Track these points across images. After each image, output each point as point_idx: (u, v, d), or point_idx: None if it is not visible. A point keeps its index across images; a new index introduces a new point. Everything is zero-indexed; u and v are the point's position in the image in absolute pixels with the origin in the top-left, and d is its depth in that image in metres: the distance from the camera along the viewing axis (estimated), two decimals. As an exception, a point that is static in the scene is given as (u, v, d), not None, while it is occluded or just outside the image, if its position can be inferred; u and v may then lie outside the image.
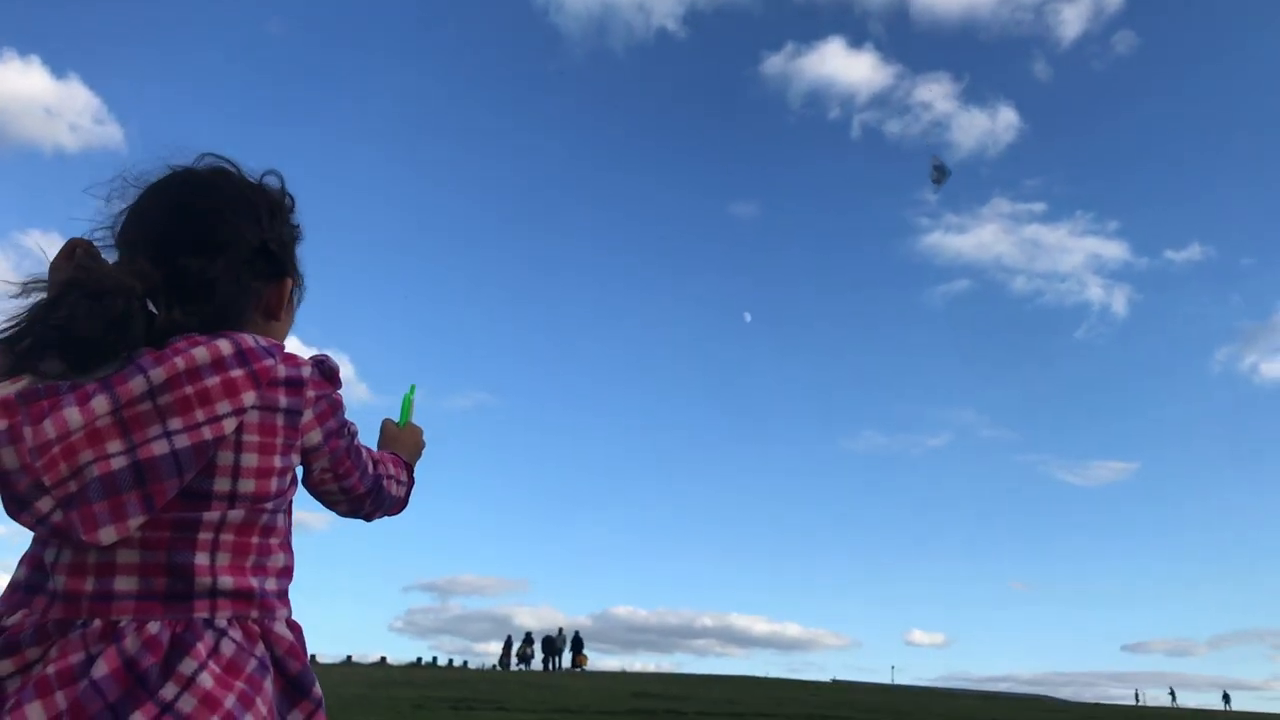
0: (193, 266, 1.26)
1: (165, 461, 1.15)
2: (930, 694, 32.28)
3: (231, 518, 1.22)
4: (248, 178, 1.39)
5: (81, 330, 1.15)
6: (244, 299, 1.32)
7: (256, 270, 1.33)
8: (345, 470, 1.42)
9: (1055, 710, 23.09)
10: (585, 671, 38.15)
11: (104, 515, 1.13)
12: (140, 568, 1.17)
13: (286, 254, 1.39)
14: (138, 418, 1.14)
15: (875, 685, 45.30)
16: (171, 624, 1.16)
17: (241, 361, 1.21)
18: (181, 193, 1.32)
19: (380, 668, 36.49)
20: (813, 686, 31.90)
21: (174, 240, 1.27)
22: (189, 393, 1.17)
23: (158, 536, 1.18)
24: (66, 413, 1.12)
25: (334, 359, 1.37)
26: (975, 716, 16.46)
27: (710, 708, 14.70)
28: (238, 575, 1.22)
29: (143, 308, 1.19)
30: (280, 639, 1.25)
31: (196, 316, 1.24)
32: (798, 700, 19.48)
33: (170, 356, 1.17)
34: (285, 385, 1.26)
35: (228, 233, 1.30)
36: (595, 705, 13.84)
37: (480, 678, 22.93)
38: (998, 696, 40.85)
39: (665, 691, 19.13)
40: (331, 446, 1.36)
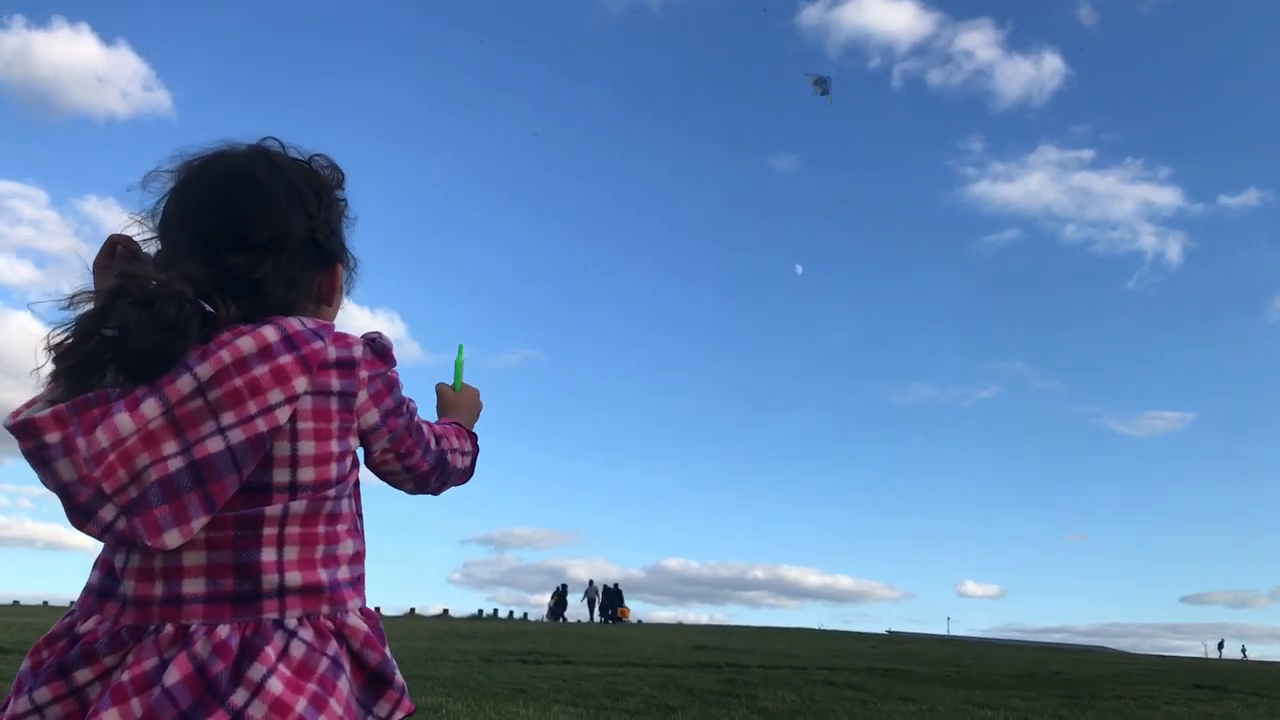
0: (240, 265, 1.23)
1: (222, 458, 1.14)
2: (988, 646, 32.21)
3: (295, 509, 1.21)
4: (293, 157, 1.34)
5: (137, 341, 1.13)
6: (294, 292, 1.29)
7: (307, 262, 1.30)
8: (407, 449, 1.38)
9: (1118, 662, 22.95)
10: (642, 623, 38.58)
11: (167, 519, 1.12)
12: (207, 569, 1.17)
13: (335, 240, 1.35)
14: (190, 416, 1.13)
15: (931, 637, 45.29)
16: (241, 627, 1.15)
17: (290, 347, 1.18)
18: (225, 185, 1.27)
19: (443, 620, 37.19)
20: (870, 639, 32.01)
21: (220, 237, 1.23)
22: (239, 385, 1.15)
23: (222, 536, 1.17)
24: (118, 419, 1.11)
25: (386, 336, 1.33)
26: (1038, 669, 16.42)
27: (771, 660, 14.82)
28: (306, 569, 1.21)
29: (197, 310, 1.16)
30: (355, 631, 1.23)
31: (250, 312, 1.22)
32: (856, 653, 19.56)
33: (215, 350, 1.15)
34: (337, 367, 1.24)
35: (274, 230, 1.26)
36: (658, 658, 14.01)
37: (541, 630, 23.33)
38: (1057, 648, 40.68)
39: (725, 644, 19.30)
40: (390, 426, 1.33)
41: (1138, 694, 11.67)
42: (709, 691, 9.55)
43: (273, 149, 1.34)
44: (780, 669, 13.12)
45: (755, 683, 10.66)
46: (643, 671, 11.49)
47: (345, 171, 1.40)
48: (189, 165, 1.31)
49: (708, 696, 9.15)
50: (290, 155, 1.35)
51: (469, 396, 1.74)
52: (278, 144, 1.35)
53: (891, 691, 10.75)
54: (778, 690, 9.93)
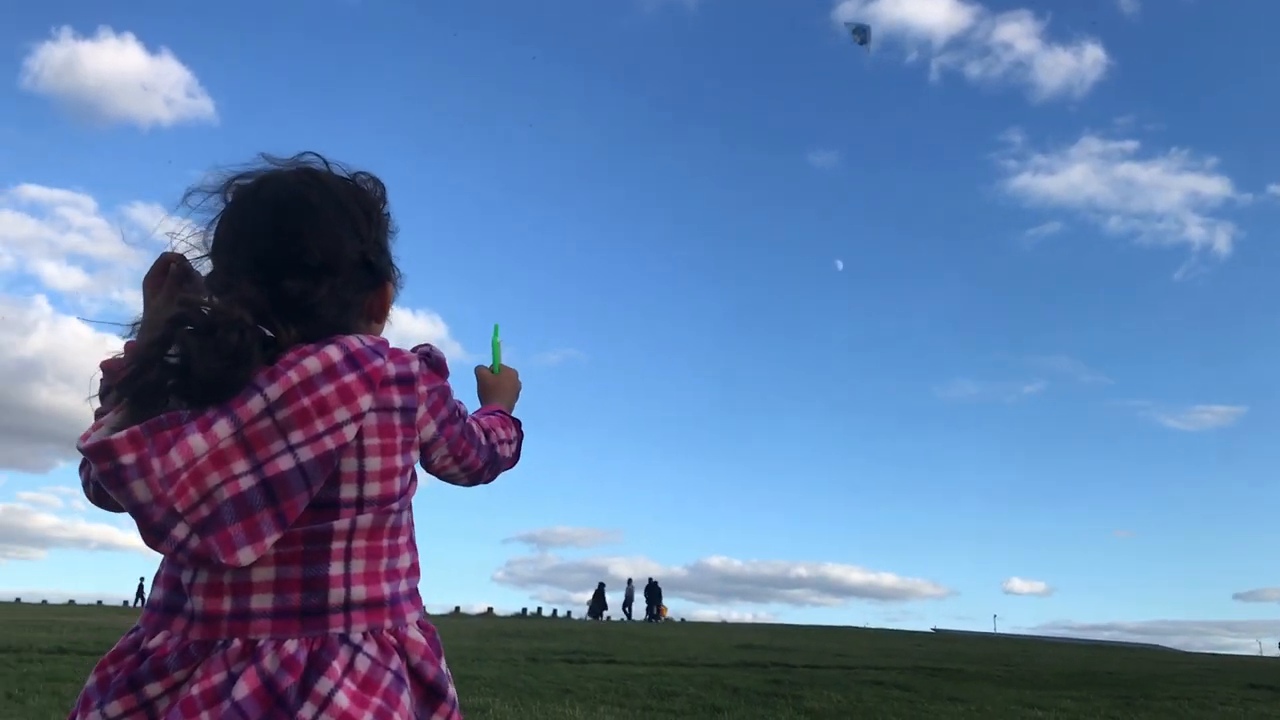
0: (296, 290, 1.25)
1: (292, 476, 1.16)
2: (1036, 644, 31.84)
3: (361, 523, 1.23)
4: (340, 176, 1.36)
5: (199, 369, 1.14)
6: (349, 315, 1.31)
7: (359, 283, 1.32)
8: (463, 451, 1.43)
9: (1171, 660, 22.57)
10: (685, 622, 38.56)
11: (240, 536, 1.14)
12: (275, 584, 1.19)
13: (385, 259, 1.37)
14: (259, 436, 1.15)
15: (978, 634, 44.84)
16: (308, 642, 1.18)
17: (353, 365, 1.21)
18: (279, 210, 1.29)
19: (488, 618, 37.44)
20: (916, 637, 31.77)
21: (275, 262, 1.25)
22: (306, 404, 1.17)
23: (291, 551, 1.19)
24: (191, 440, 1.13)
25: (438, 349, 1.36)
26: (1089, 668, 16.20)
27: (817, 659, 14.74)
28: (371, 583, 1.23)
29: (257, 336, 1.18)
30: (415, 645, 1.26)
31: (306, 334, 1.24)
32: (903, 651, 19.41)
33: (283, 371, 1.17)
34: (397, 383, 1.26)
35: (328, 253, 1.28)
36: (703, 657, 13.99)
37: (585, 629, 23.40)
38: (1107, 645, 40.10)
39: (770, 643, 19.24)
40: (447, 434, 1.38)
41: (1193, 694, 11.47)
42: (755, 692, 9.52)
43: (318, 167, 1.36)
44: (827, 668, 13.05)
45: (801, 683, 10.61)
46: (688, 671, 11.48)
47: (387, 181, 1.42)
48: (239, 187, 1.33)
49: (754, 697, 9.12)
50: (335, 174, 1.36)
51: (508, 378, 1.79)
52: (320, 160, 1.37)
53: (940, 691, 10.64)
54: (824, 690, 9.87)
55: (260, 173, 1.34)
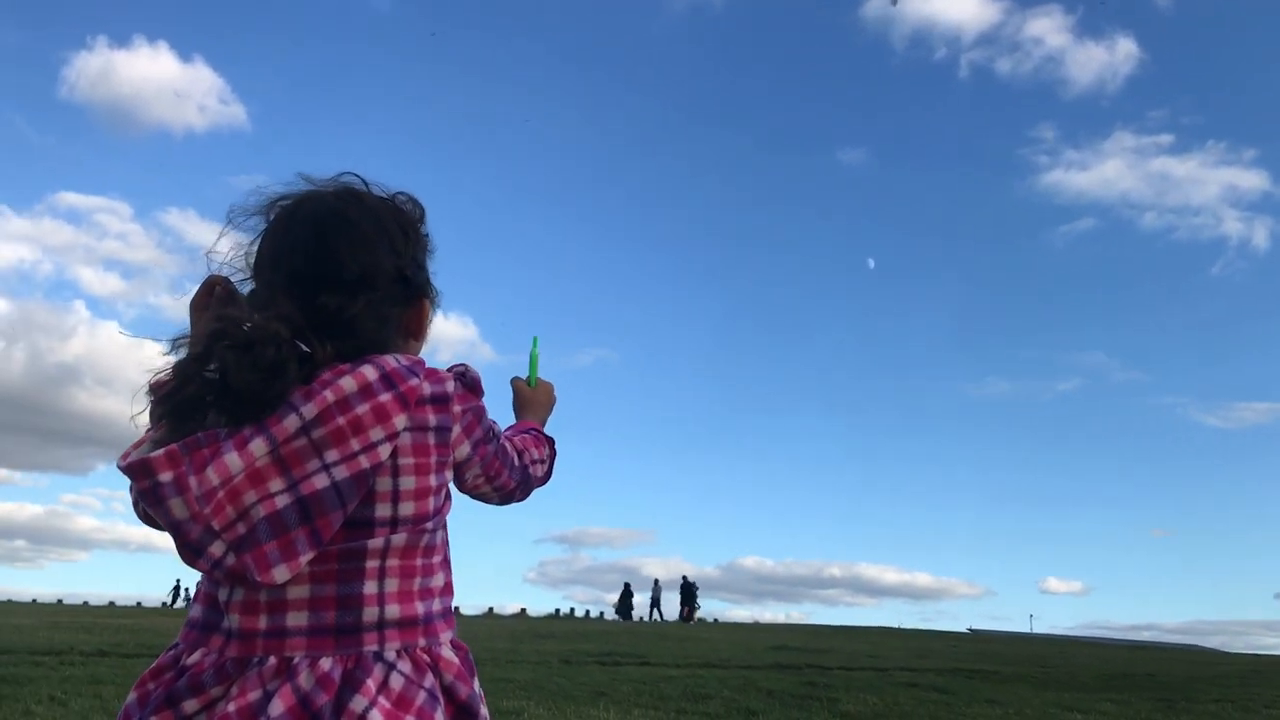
0: (333, 304, 1.26)
1: (327, 494, 1.16)
2: (1074, 644, 31.53)
3: (395, 542, 1.23)
4: (379, 195, 1.37)
5: (237, 383, 1.15)
6: (386, 328, 1.32)
7: (396, 299, 1.33)
8: (496, 471, 1.44)
9: (1212, 661, 22.25)
10: (718, 622, 38.48)
11: (275, 554, 1.15)
12: (310, 602, 1.19)
13: (422, 275, 1.38)
14: (295, 454, 1.16)
15: (1014, 635, 44.48)
16: (343, 659, 1.18)
17: (388, 385, 1.21)
18: (317, 226, 1.30)
19: (521, 619, 37.57)
20: (951, 637, 31.52)
21: (313, 278, 1.26)
22: (342, 423, 1.17)
23: (326, 569, 1.20)
24: (227, 458, 1.13)
25: (473, 368, 1.36)
26: (1128, 670, 15.99)
27: (852, 661, 14.66)
28: (405, 602, 1.23)
29: (294, 351, 1.18)
30: (449, 664, 1.26)
31: (344, 351, 1.24)
32: (939, 652, 19.27)
33: (319, 390, 1.18)
34: (432, 403, 1.27)
35: (365, 268, 1.28)
36: (736, 659, 13.96)
37: (619, 630, 23.42)
38: (1145, 646, 39.64)
39: (804, 644, 19.15)
40: (481, 454, 1.38)
41: (1236, 697, 11.30)
42: (789, 694, 9.48)
43: (357, 187, 1.37)
44: (861, 670, 12.98)
45: (836, 685, 10.55)
46: (722, 673, 11.45)
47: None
48: (279, 207, 1.34)
49: (788, 699, 9.08)
50: (375, 193, 1.38)
51: (544, 392, 1.82)
52: (360, 181, 1.38)
53: (977, 694, 10.56)
54: (860, 693, 9.82)
55: (300, 193, 1.35)
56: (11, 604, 39.55)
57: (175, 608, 36.88)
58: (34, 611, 25.45)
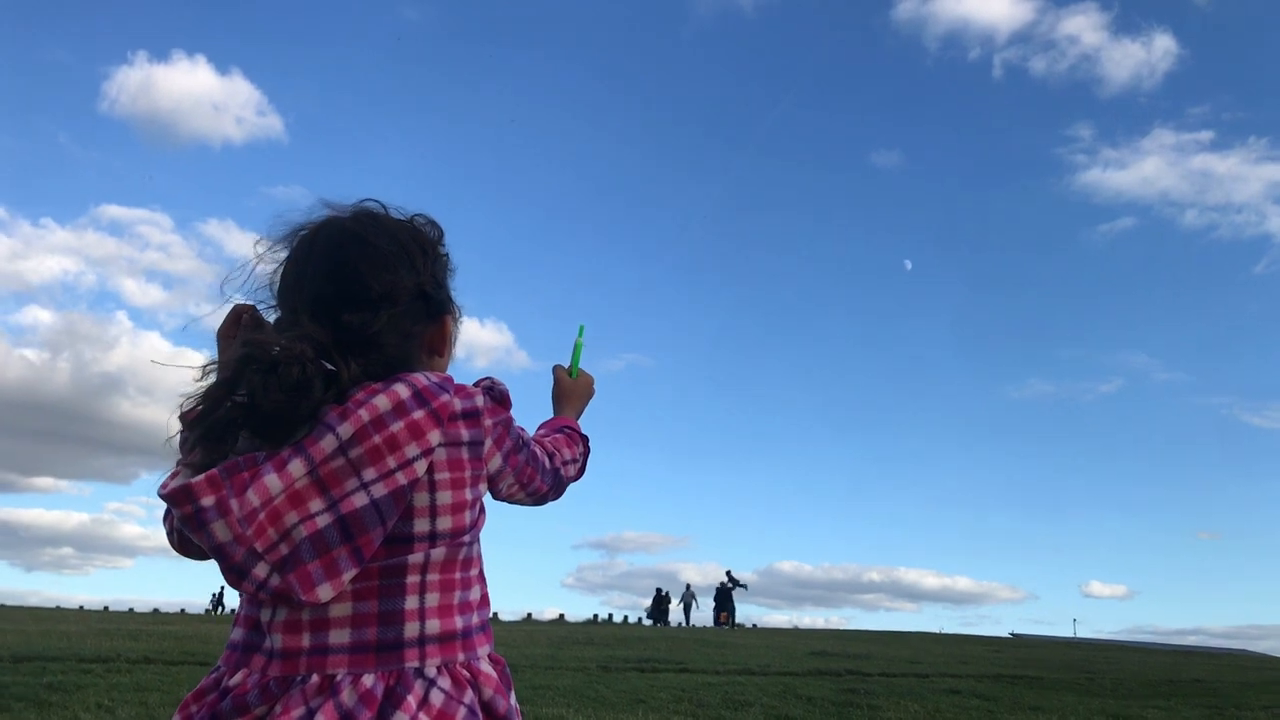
0: (356, 322, 1.28)
1: (367, 512, 1.18)
2: (1119, 649, 31.09)
3: (434, 556, 1.26)
4: (397, 218, 1.39)
5: (266, 404, 1.17)
6: (409, 344, 1.34)
7: (417, 315, 1.35)
8: (529, 478, 1.47)
9: (1262, 666, 21.84)
10: (757, 627, 38.29)
11: (319, 573, 1.17)
12: (352, 619, 1.21)
13: (442, 292, 1.40)
14: (333, 474, 1.18)
15: (1057, 639, 43.85)
16: (384, 676, 1.20)
17: (421, 402, 1.23)
18: (337, 249, 1.33)
19: (559, 625, 37.64)
20: (993, 642, 31.19)
21: (335, 298, 1.29)
22: (378, 442, 1.20)
23: (367, 586, 1.22)
24: (267, 480, 1.16)
25: (501, 382, 1.39)
26: (1175, 675, 15.74)
27: (892, 667, 14.55)
28: (444, 617, 1.25)
29: (319, 370, 1.21)
30: (488, 678, 1.28)
31: (370, 368, 1.27)
32: (980, 658, 19.06)
33: (354, 410, 1.20)
34: (464, 418, 1.29)
35: (385, 285, 1.31)
36: (776, 665, 13.89)
37: (657, 636, 23.37)
38: (1192, 651, 38.97)
39: (843, 650, 19.04)
40: (512, 464, 1.41)
41: (1286, 703, 11.08)
42: (829, 701, 9.42)
43: (375, 210, 1.40)
44: (902, 676, 12.87)
45: (877, 691, 10.47)
46: (761, 680, 11.40)
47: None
48: (299, 234, 1.37)
49: (828, 707, 9.03)
50: (393, 215, 1.41)
51: (583, 383, 1.86)
52: (379, 205, 1.41)
53: (1020, 700, 10.44)
54: (901, 700, 9.74)
55: (319, 219, 1.38)
56: (60, 610, 40.16)
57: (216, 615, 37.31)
58: (81, 618, 25.83)
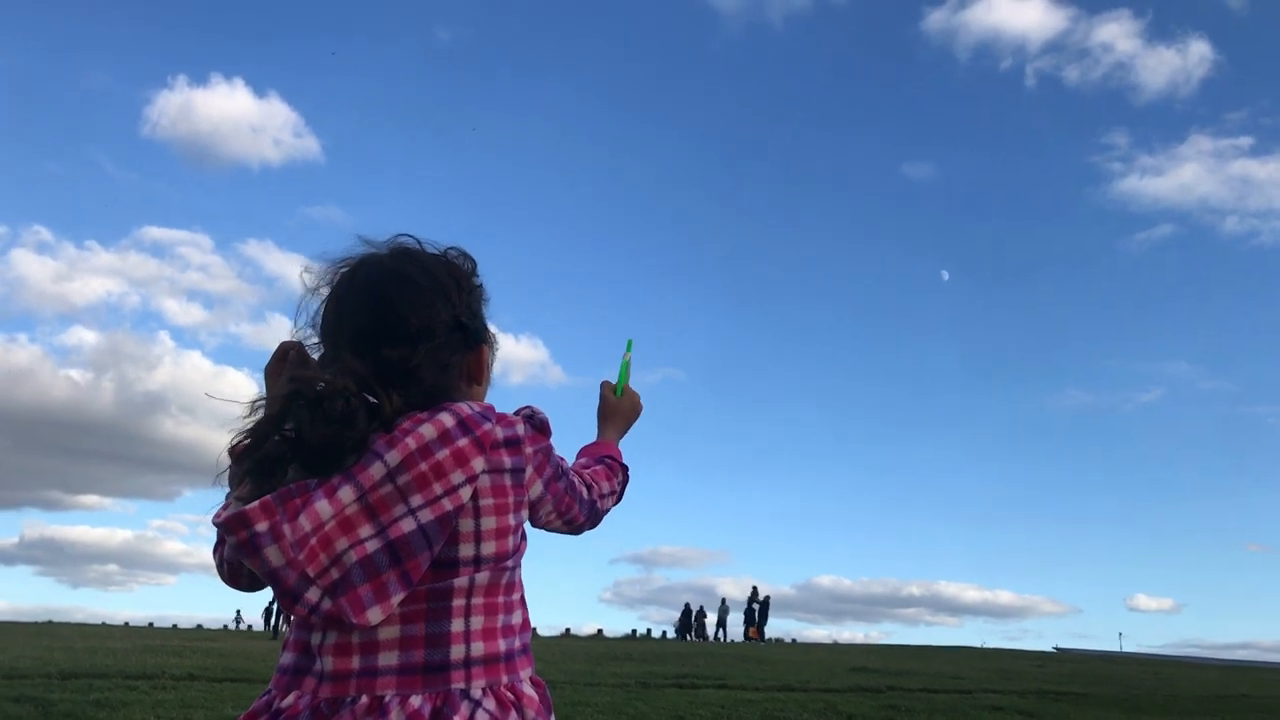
0: (396, 356, 1.32)
1: (415, 537, 1.22)
2: (1166, 664, 30.55)
3: (479, 580, 1.29)
4: (432, 253, 1.44)
5: (312, 437, 1.22)
6: (448, 375, 1.38)
7: (454, 346, 1.39)
8: (566, 506, 1.51)
9: (1312, 682, 21.35)
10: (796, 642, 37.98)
11: (369, 597, 1.20)
12: (400, 641, 1.24)
13: (478, 322, 1.44)
14: (382, 500, 1.22)
15: (1102, 654, 43.21)
16: (432, 697, 1.23)
17: (465, 431, 1.27)
18: (376, 286, 1.37)
19: (598, 640, 37.59)
20: (1036, 657, 30.76)
21: (376, 333, 1.33)
22: (424, 469, 1.23)
23: (415, 609, 1.25)
24: (318, 505, 1.19)
25: (541, 411, 1.43)
26: (1222, 691, 15.46)
27: (933, 683, 14.40)
28: (489, 640, 1.29)
29: (362, 402, 1.24)
30: (530, 700, 1.31)
31: (411, 399, 1.30)
32: (1023, 673, 18.82)
33: (401, 438, 1.24)
34: (506, 446, 1.32)
35: (423, 319, 1.35)
36: (816, 681, 13.80)
37: (696, 652, 23.29)
38: (1241, 666, 38.22)
39: (884, 665, 18.88)
40: (552, 491, 1.45)
41: (1339, 720, 10.85)
42: (870, 718, 9.35)
43: (411, 246, 1.45)
44: (944, 693, 12.73)
45: (918, 708, 10.37)
46: (801, 697, 11.33)
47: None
48: (339, 272, 1.42)
49: (869, 723, 8.95)
50: (428, 250, 1.45)
51: (629, 402, 1.88)
52: (414, 241, 1.45)
53: (1064, 717, 10.31)
54: (942, 716, 9.65)
55: (358, 256, 1.43)
56: (106, 626, 40.78)
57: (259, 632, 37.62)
58: (126, 635, 26.19)
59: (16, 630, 27.00)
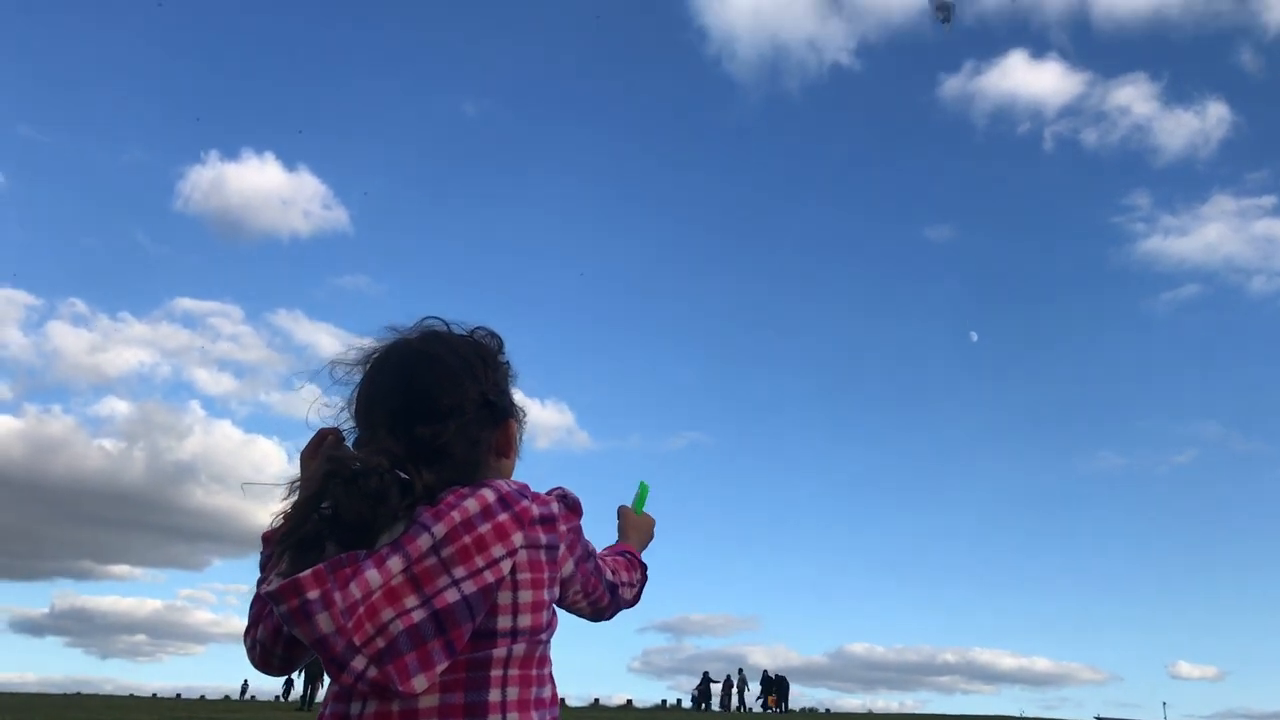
0: (428, 434, 1.38)
1: (459, 607, 1.26)
2: (1212, 733, 29.61)
3: (516, 651, 1.33)
4: (459, 334, 1.50)
5: (349, 514, 1.26)
6: (478, 450, 1.44)
7: (483, 422, 1.45)
8: (593, 587, 1.58)
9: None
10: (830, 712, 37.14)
11: (415, 665, 1.23)
12: (440, 710, 1.28)
13: (505, 399, 1.50)
14: (426, 571, 1.25)
15: (1147, 723, 41.97)
16: None
17: (505, 506, 1.32)
18: (406, 368, 1.44)
19: (628, 711, 36.98)
20: (1077, 726, 29.91)
21: (407, 413, 1.39)
22: (467, 541, 1.28)
23: (455, 679, 1.29)
24: (368, 574, 1.23)
25: (572, 492, 1.49)
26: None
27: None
28: (523, 711, 1.33)
29: (395, 479, 1.30)
30: None
31: (443, 475, 1.35)
32: (1065, 743, 18.30)
33: (446, 511, 1.29)
34: (542, 523, 1.37)
35: (453, 398, 1.41)
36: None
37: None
38: (1292, 735, 36.97)
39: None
40: (582, 571, 1.52)
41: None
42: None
43: (439, 328, 1.51)
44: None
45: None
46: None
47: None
48: (371, 357, 1.49)
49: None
50: (455, 332, 1.52)
51: (646, 521, 2.00)
52: (441, 323, 1.52)
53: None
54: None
55: (389, 341, 1.50)
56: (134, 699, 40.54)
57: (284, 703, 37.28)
58: (155, 707, 26.07)
59: (45, 703, 26.92)
